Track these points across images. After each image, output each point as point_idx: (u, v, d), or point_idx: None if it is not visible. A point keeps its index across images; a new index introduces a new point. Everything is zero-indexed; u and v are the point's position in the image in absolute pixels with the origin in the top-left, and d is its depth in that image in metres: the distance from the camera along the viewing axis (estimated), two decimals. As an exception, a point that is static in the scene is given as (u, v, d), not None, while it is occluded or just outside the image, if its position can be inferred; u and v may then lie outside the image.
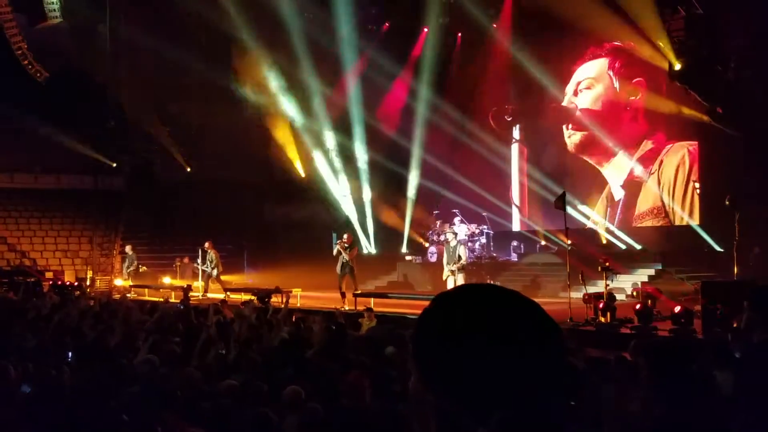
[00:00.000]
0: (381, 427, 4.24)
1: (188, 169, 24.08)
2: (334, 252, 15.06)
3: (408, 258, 19.97)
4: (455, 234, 14.52)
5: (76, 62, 22.15)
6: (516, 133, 20.06)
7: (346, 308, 13.74)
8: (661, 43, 13.67)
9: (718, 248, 14.05)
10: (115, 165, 23.96)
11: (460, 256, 13.45)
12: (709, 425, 2.98)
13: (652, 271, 14.63)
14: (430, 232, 19.55)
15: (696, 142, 15.61)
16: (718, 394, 3.11)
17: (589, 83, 17.94)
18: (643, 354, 3.50)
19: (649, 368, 3.42)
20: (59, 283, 18.29)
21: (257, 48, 20.37)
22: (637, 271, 14.77)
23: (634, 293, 12.48)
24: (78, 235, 23.44)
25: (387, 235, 20.90)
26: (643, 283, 13.89)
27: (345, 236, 15.38)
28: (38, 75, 21.28)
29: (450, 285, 13.40)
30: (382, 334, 7.90)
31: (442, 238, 17.95)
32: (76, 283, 18.76)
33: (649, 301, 10.62)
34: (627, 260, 14.79)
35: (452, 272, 13.42)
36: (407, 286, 18.57)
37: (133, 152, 23.85)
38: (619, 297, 12.08)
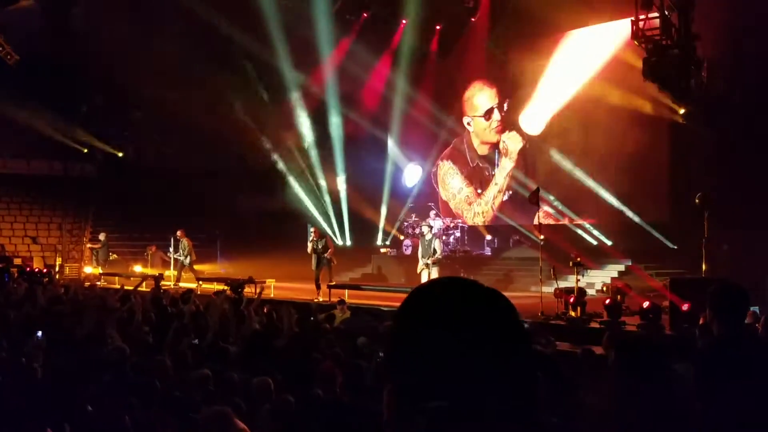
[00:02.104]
0: (352, 418, 4.26)
1: (162, 157, 23.81)
2: (309, 249, 14.86)
3: (383, 251, 20.01)
4: (431, 227, 14.57)
5: (48, 46, 21.74)
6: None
7: (320, 299, 13.75)
8: (634, 41, 13.80)
9: (687, 246, 14.29)
10: (86, 151, 23.58)
11: (435, 250, 13.51)
12: (673, 420, 3.05)
13: (622, 267, 14.85)
14: (406, 224, 19.62)
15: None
16: (682, 387, 3.19)
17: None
18: (615, 348, 3.58)
19: (619, 362, 3.49)
20: (28, 269, 18.01)
21: (233, 34, 20.19)
22: (607, 267, 14.98)
23: (604, 288, 12.66)
24: (47, 222, 23.07)
25: (362, 228, 20.91)
26: (612, 278, 14.09)
27: (312, 230, 15.27)
28: (8, 57, 20.79)
29: (424, 278, 13.46)
30: (356, 326, 7.94)
31: (417, 231, 18.03)
32: (45, 270, 18.47)
33: (619, 297, 10.80)
34: (598, 256, 14.99)
35: (426, 265, 13.48)
36: (381, 278, 18.63)
37: (106, 138, 23.50)
38: (590, 292, 12.26)
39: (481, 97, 19.36)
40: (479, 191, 19.50)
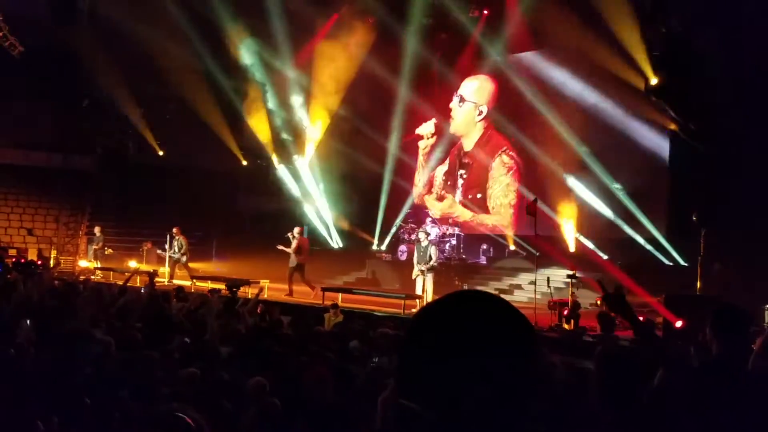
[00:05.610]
0: (341, 421, 4.25)
1: (161, 154, 23.80)
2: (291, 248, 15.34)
3: (378, 255, 19.99)
4: (427, 234, 14.56)
5: (53, 38, 21.74)
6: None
7: (313, 300, 13.79)
8: (638, 57, 13.86)
9: (682, 262, 14.30)
10: (86, 144, 23.54)
11: (431, 256, 13.49)
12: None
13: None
14: (402, 230, 19.62)
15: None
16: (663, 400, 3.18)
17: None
18: (597, 361, 3.58)
19: (603, 375, 3.49)
20: (22, 260, 17.92)
21: (239, 34, 20.24)
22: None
23: (598, 302, 12.63)
24: (44, 214, 23.01)
25: (358, 231, 20.88)
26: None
27: (296, 229, 15.68)
28: (13, 49, 20.78)
29: (419, 284, 13.46)
30: (348, 330, 7.92)
31: (413, 236, 18.03)
32: (39, 262, 18.39)
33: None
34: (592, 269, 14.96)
35: (422, 272, 13.46)
36: (375, 282, 18.60)
37: (106, 133, 23.47)
38: (584, 305, 12.26)
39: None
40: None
